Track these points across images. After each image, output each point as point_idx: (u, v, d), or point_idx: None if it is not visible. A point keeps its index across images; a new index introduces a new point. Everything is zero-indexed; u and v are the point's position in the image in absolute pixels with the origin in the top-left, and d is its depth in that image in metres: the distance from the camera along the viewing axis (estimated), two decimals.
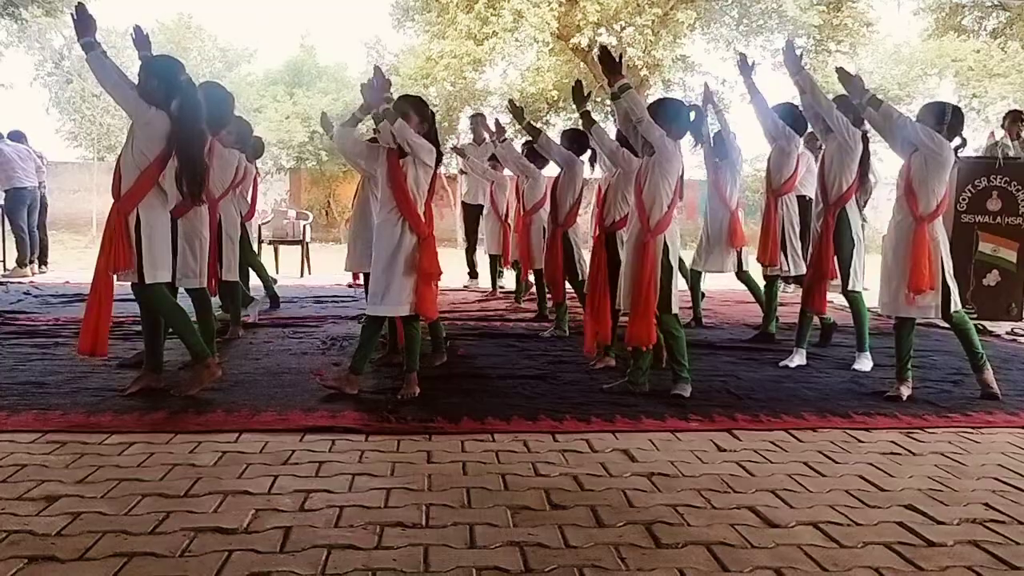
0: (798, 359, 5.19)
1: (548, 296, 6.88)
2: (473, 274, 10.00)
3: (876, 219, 11.90)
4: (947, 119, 4.31)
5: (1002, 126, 8.80)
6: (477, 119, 10.24)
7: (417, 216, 4.03)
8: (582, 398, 4.18)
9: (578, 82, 5.11)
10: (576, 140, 5.82)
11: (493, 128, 7.06)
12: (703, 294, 7.27)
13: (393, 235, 4.03)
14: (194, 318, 4.42)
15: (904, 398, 4.29)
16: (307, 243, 11.78)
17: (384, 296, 4.02)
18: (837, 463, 3.21)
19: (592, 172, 6.03)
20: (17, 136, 10.62)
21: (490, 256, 9.28)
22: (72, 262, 12.24)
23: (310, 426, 3.51)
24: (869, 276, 5.20)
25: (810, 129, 5.64)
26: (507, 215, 8.73)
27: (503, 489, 2.81)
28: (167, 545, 2.26)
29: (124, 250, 3.77)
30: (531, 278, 7.75)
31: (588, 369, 4.88)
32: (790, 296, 8.40)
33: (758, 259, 5.98)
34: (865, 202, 5.87)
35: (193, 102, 3.93)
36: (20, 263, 10.34)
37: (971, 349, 4.40)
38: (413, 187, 4.03)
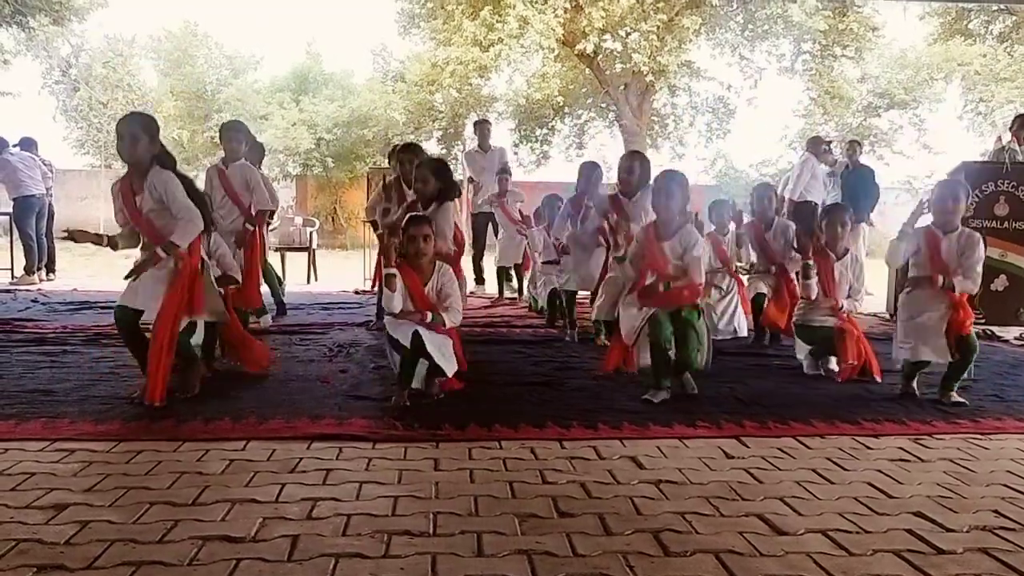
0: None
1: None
2: (479, 280, 10.01)
3: (881, 223, 11.96)
4: None
5: (1010, 130, 8.79)
6: (483, 126, 10.24)
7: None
8: (589, 405, 4.17)
9: None
10: None
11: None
12: None
13: None
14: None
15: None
16: (314, 250, 11.82)
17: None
18: (846, 470, 3.20)
19: None
20: (28, 143, 10.69)
21: (498, 267, 9.30)
22: (80, 269, 12.29)
23: (317, 434, 3.51)
24: (874, 284, 5.19)
25: (826, 140, 5.57)
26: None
27: (510, 497, 2.81)
28: (175, 554, 2.26)
29: (200, 292, 4.01)
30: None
31: (594, 376, 4.87)
32: None
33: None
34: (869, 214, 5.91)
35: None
36: (28, 271, 10.41)
37: (960, 370, 4.38)
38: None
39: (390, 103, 22.23)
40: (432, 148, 23.99)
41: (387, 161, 6.12)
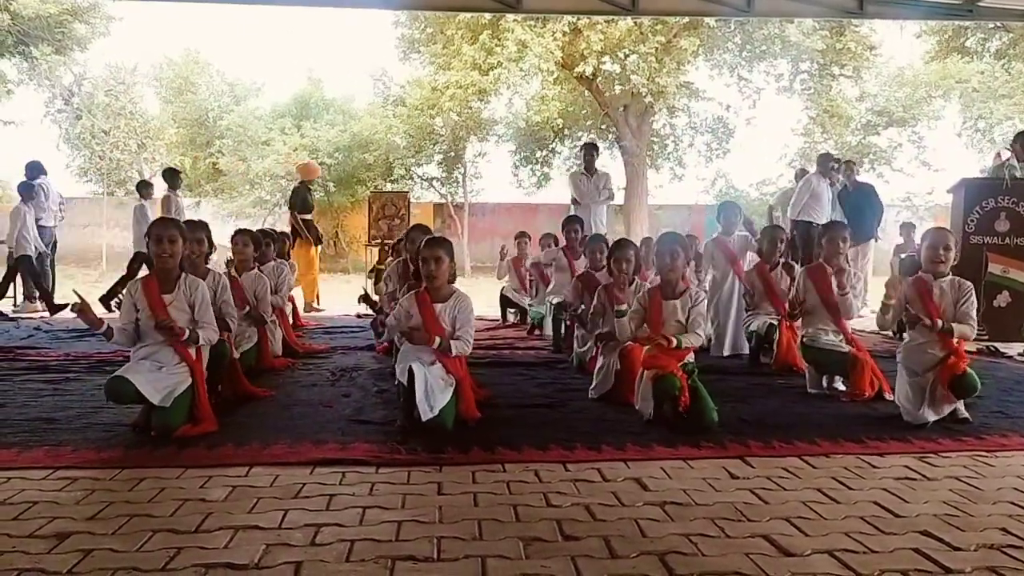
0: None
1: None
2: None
3: (883, 238, 12.02)
4: None
5: (1011, 148, 8.80)
6: (589, 149, 9.93)
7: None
8: (592, 426, 4.16)
9: None
10: None
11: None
12: None
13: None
14: None
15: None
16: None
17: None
18: (851, 489, 3.18)
19: None
20: (40, 168, 10.85)
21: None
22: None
23: (320, 459, 3.50)
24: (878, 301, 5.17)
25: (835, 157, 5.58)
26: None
27: (515, 520, 2.79)
28: None
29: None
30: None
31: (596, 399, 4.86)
32: None
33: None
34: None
35: None
36: (30, 298, 10.45)
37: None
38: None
39: (391, 127, 22.32)
40: (433, 171, 24.09)
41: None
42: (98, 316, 3.93)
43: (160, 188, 12.20)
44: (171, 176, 11.34)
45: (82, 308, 3.87)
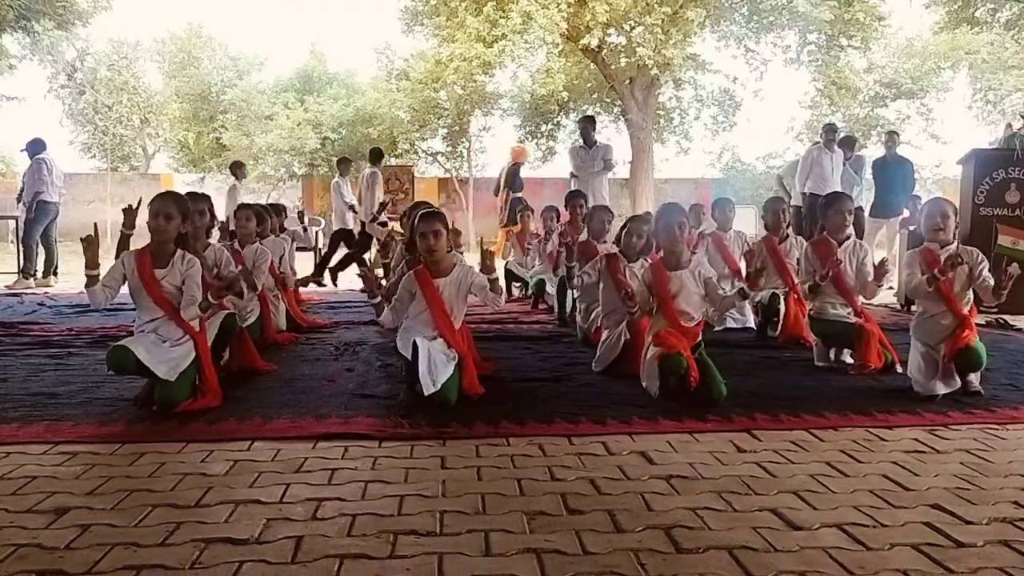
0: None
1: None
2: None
3: None
4: None
5: (1020, 118, 8.70)
6: (585, 123, 10.02)
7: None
8: (597, 400, 4.12)
9: None
10: None
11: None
12: None
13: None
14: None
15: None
16: (320, 249, 11.79)
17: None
18: (860, 462, 3.14)
19: None
20: (42, 144, 10.85)
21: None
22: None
23: (322, 433, 3.47)
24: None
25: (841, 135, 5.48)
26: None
27: (519, 494, 2.76)
28: (177, 557, 2.22)
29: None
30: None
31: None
32: None
33: None
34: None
35: None
36: (25, 274, 10.46)
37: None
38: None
39: (394, 101, 22.23)
40: (437, 146, 23.99)
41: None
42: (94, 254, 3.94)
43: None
44: (375, 157, 12.07)
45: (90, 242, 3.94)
